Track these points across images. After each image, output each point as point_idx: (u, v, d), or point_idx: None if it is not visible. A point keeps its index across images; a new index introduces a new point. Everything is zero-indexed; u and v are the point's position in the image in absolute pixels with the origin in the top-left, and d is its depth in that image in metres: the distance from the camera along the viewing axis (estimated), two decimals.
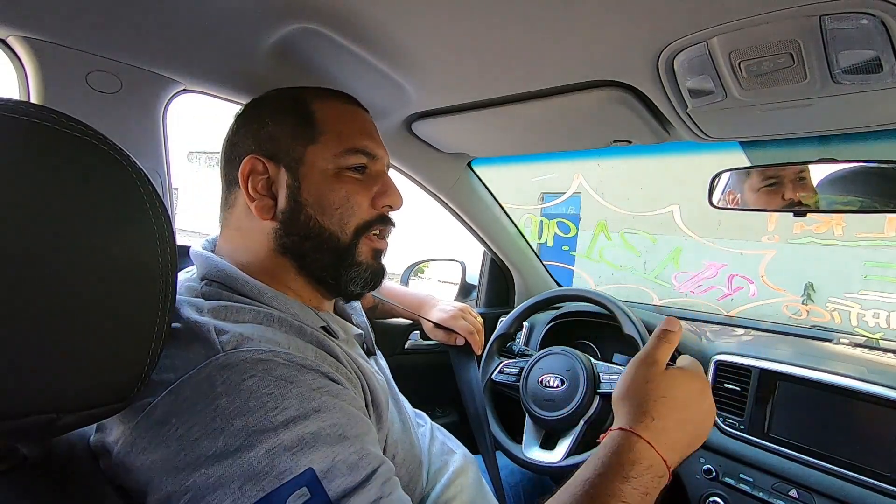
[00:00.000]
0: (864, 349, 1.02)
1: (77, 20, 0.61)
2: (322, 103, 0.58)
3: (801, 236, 4.92)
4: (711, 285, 5.36)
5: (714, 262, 5.36)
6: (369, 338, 0.69)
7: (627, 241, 5.87)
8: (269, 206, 0.54)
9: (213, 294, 0.50)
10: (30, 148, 0.32)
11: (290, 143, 0.55)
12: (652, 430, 0.46)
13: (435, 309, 1.00)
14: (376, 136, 0.61)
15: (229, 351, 0.42)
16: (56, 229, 0.32)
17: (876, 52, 0.49)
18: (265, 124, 0.56)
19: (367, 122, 0.61)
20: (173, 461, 0.38)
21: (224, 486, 0.37)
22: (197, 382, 0.40)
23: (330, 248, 0.56)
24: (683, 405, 0.48)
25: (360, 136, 0.58)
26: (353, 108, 0.61)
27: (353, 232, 0.56)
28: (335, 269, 0.57)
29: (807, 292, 4.89)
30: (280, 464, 0.37)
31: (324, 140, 0.56)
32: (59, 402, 0.33)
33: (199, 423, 0.39)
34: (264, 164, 0.55)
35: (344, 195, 0.55)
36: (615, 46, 0.58)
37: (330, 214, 0.55)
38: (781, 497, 0.81)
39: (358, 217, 0.56)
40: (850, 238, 4.65)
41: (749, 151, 1.69)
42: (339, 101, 0.61)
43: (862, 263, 4.57)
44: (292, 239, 0.55)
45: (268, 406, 0.40)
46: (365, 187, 0.57)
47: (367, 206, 0.57)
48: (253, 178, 0.54)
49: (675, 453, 0.46)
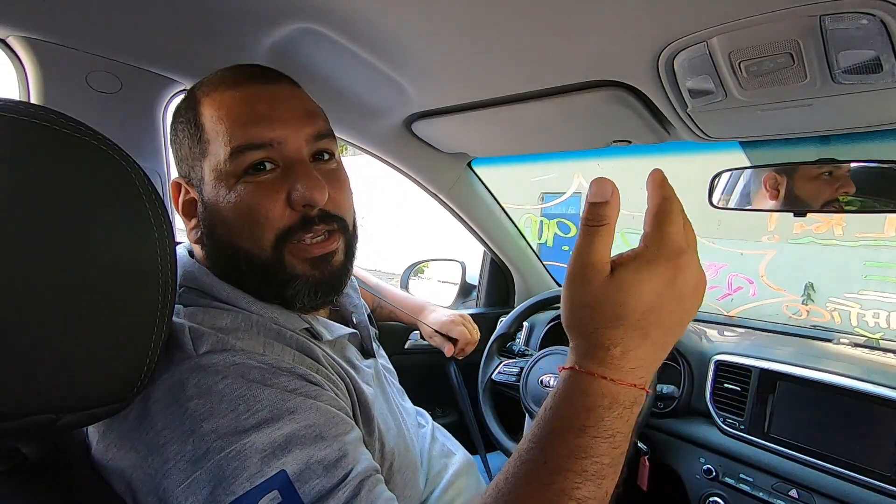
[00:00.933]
0: (864, 349, 1.02)
1: (77, 20, 0.61)
2: (207, 98, 0.50)
3: (801, 236, 4.91)
4: (711, 285, 5.36)
5: (714, 262, 5.35)
6: (368, 338, 0.68)
7: (627, 241, 5.84)
8: (196, 229, 0.52)
9: (190, 300, 0.49)
10: (30, 148, 0.32)
11: (191, 161, 0.50)
12: (610, 361, 0.35)
13: (434, 314, 0.99)
14: (277, 113, 0.48)
15: (202, 354, 0.42)
16: (56, 229, 0.32)
17: (876, 52, 0.49)
18: (174, 144, 0.53)
19: (260, 101, 0.48)
20: (144, 466, 0.38)
21: (194, 490, 0.36)
22: (169, 385, 0.40)
23: (252, 269, 0.49)
24: (650, 311, 0.35)
25: (245, 126, 0.47)
26: (240, 91, 0.49)
27: (271, 246, 0.48)
28: (273, 288, 0.50)
29: (807, 292, 4.88)
30: (250, 466, 0.36)
31: (211, 148, 0.48)
32: (59, 402, 0.33)
33: (170, 426, 0.38)
34: (184, 185, 0.52)
35: (246, 207, 0.47)
36: (615, 46, 0.58)
37: (238, 232, 0.48)
38: (781, 497, 0.81)
39: (271, 228, 0.48)
40: (850, 238, 4.64)
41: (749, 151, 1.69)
42: (227, 91, 0.49)
43: (862, 263, 4.56)
44: (221, 261, 0.50)
45: (239, 409, 0.38)
46: (273, 189, 0.47)
47: (279, 210, 0.48)
48: (182, 201, 0.52)
49: (648, 367, 0.36)
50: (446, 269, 1.54)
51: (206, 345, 0.42)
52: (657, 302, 0.35)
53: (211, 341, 0.43)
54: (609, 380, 0.35)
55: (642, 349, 0.36)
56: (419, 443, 0.66)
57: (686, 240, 0.36)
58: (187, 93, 0.54)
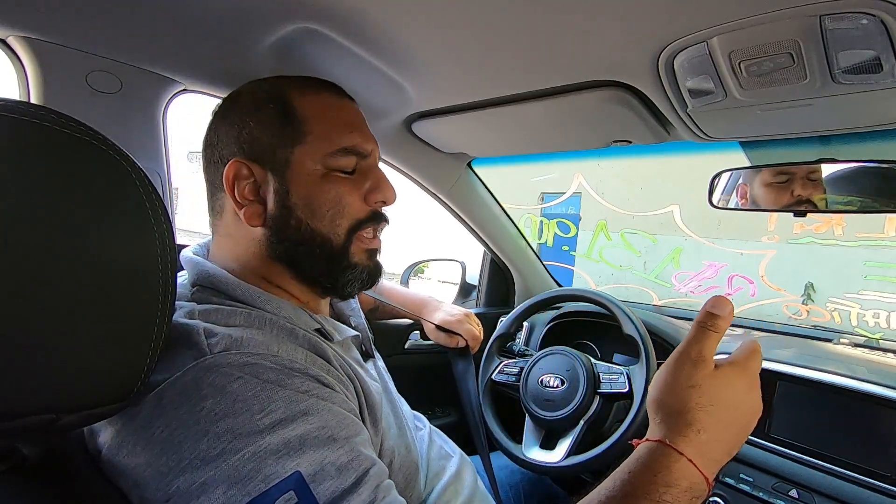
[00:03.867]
0: (864, 349, 1.02)
1: (77, 20, 0.61)
2: (304, 98, 0.55)
3: (801, 236, 4.92)
4: (711, 285, 5.36)
5: (714, 262, 5.36)
6: (367, 340, 0.68)
7: (627, 241, 5.86)
8: (259, 213, 0.52)
9: (204, 299, 0.49)
10: (30, 148, 0.32)
11: (275, 144, 0.52)
12: (696, 445, 0.39)
13: (438, 311, 0.99)
14: (365, 129, 0.58)
15: (217, 353, 0.42)
16: (56, 229, 0.32)
17: (876, 52, 0.49)
18: (246, 124, 0.53)
19: (354, 115, 0.58)
20: (157, 464, 0.38)
21: (208, 490, 0.36)
22: (183, 385, 0.40)
23: (323, 252, 0.54)
24: (733, 408, 0.41)
25: (349, 135, 0.55)
26: (338, 101, 0.58)
27: (345, 233, 0.54)
28: (330, 273, 0.55)
29: (807, 292, 4.89)
30: (266, 467, 0.37)
31: (311, 140, 0.53)
32: (58, 402, 0.33)
33: (184, 426, 0.38)
34: (249, 167, 0.52)
35: (335, 196, 0.53)
36: (615, 46, 0.58)
37: (321, 217, 0.53)
38: (781, 497, 0.81)
39: (350, 217, 0.54)
40: (850, 238, 4.64)
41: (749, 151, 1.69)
42: (323, 93, 0.57)
43: (862, 263, 4.56)
44: (284, 245, 0.53)
45: (254, 409, 0.39)
46: (356, 185, 0.55)
47: (358, 204, 0.55)
48: (238, 184, 0.52)
49: (718, 465, 0.41)
50: (446, 269, 1.54)
51: (220, 344, 0.43)
52: (741, 403, 0.42)
53: (225, 341, 0.43)
54: (692, 462, 0.38)
55: (721, 443, 0.41)
56: (418, 445, 0.66)
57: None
58: (263, 85, 0.56)
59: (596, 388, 0.91)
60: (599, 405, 0.90)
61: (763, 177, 0.88)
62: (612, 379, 0.91)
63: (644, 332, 0.93)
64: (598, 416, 0.90)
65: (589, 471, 0.89)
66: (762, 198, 0.90)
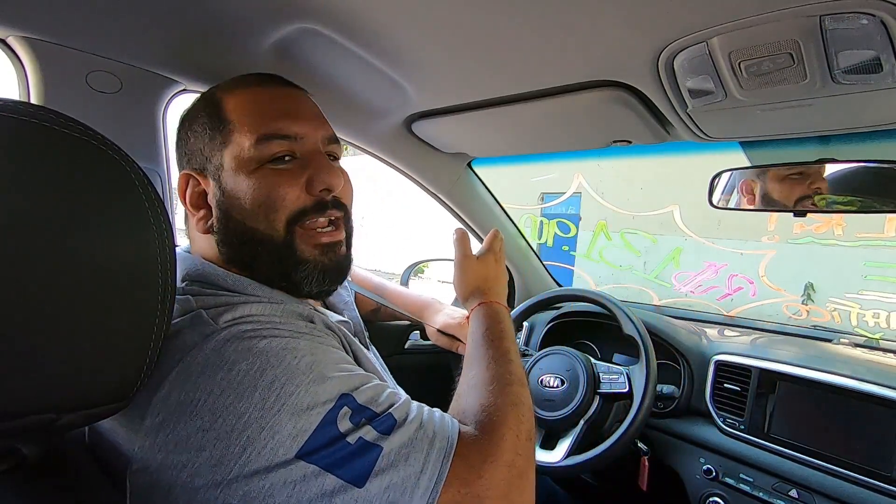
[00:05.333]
0: (864, 349, 1.02)
1: (77, 20, 0.61)
2: (232, 97, 0.54)
3: (801, 236, 4.91)
4: (711, 285, 5.36)
5: (714, 262, 5.35)
6: (360, 333, 0.69)
7: (627, 241, 5.86)
8: (206, 219, 0.54)
9: (197, 292, 0.50)
10: (30, 148, 0.32)
11: (209, 151, 0.53)
12: (492, 295, 0.69)
13: (440, 314, 0.99)
14: (300, 113, 0.55)
15: (226, 327, 0.44)
16: (56, 229, 0.32)
17: (876, 52, 0.49)
18: (186, 138, 0.56)
19: (284, 100, 0.55)
20: (213, 429, 0.39)
21: (278, 430, 0.39)
22: (204, 358, 0.41)
23: (267, 250, 0.52)
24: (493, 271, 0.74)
25: (272, 120, 0.52)
26: (266, 90, 0.55)
27: (284, 226, 0.52)
28: (282, 271, 0.53)
29: (807, 292, 4.88)
30: (320, 396, 0.41)
31: (235, 137, 0.52)
32: (58, 401, 0.33)
33: (227, 389, 0.40)
34: (196, 177, 0.54)
35: (265, 190, 0.51)
36: (615, 46, 0.58)
37: (255, 214, 0.51)
38: (781, 497, 0.81)
39: (285, 209, 0.52)
40: (850, 238, 4.64)
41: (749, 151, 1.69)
42: (253, 87, 0.55)
43: (862, 263, 4.56)
44: (232, 247, 0.53)
45: (287, 357, 0.42)
46: (292, 176, 0.52)
47: (296, 195, 0.52)
48: (189, 193, 0.54)
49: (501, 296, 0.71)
50: (446, 269, 1.54)
51: (226, 318, 0.45)
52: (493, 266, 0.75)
53: (230, 316, 0.45)
54: (498, 303, 0.69)
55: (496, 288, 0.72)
56: None
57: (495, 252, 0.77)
58: (203, 95, 0.58)
59: (596, 388, 0.91)
60: (599, 405, 0.90)
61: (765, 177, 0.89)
62: (612, 379, 0.91)
63: (644, 332, 0.93)
64: (598, 415, 0.90)
65: (589, 471, 0.89)
66: (762, 198, 0.90)
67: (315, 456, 0.39)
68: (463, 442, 0.44)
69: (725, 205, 0.94)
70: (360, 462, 0.39)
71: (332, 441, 0.40)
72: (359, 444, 0.40)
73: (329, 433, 0.40)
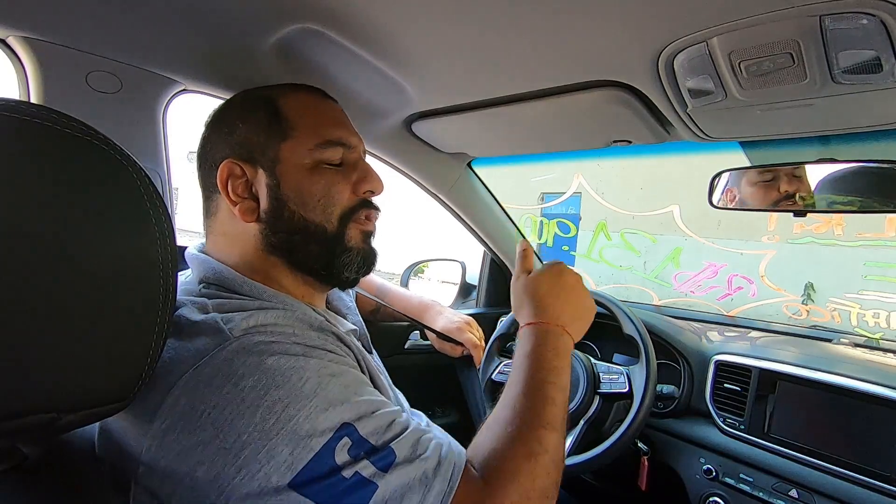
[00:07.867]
0: (864, 349, 1.02)
1: (77, 20, 0.61)
2: (289, 98, 0.58)
3: (801, 236, 4.92)
4: (711, 285, 5.36)
5: (714, 262, 5.36)
6: (364, 337, 0.70)
7: (627, 241, 5.86)
8: (252, 208, 0.55)
9: (213, 295, 0.51)
10: (30, 148, 0.32)
11: (263, 142, 0.55)
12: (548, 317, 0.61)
13: (441, 317, 0.99)
14: (349, 125, 0.61)
15: (240, 336, 0.44)
16: (56, 229, 0.32)
17: (876, 52, 0.49)
18: (236, 127, 0.56)
19: (337, 112, 0.61)
20: (212, 444, 0.39)
21: (274, 455, 0.39)
22: (215, 367, 0.42)
23: (318, 240, 0.56)
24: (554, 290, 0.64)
25: (332, 128, 0.58)
26: (321, 100, 0.61)
27: (338, 220, 0.57)
28: (326, 259, 0.57)
29: (807, 292, 4.89)
30: (319, 423, 0.41)
31: (296, 135, 0.56)
32: (59, 401, 0.33)
33: (230, 405, 0.40)
34: (241, 167, 0.55)
35: (324, 186, 0.56)
36: (615, 46, 0.58)
37: (313, 207, 0.55)
38: (781, 497, 0.81)
39: (340, 205, 0.57)
40: (850, 238, 4.64)
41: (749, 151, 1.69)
42: (306, 94, 0.60)
43: (862, 263, 4.57)
44: (280, 236, 0.55)
45: (293, 379, 0.42)
46: (344, 176, 0.58)
47: (348, 194, 0.58)
48: (232, 182, 0.55)
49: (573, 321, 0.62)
50: (446, 269, 1.54)
51: (240, 328, 0.45)
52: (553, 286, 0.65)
53: (245, 325, 0.45)
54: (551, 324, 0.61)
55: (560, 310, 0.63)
56: None
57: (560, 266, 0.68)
58: (252, 92, 0.60)
59: (596, 388, 0.91)
60: (599, 405, 0.90)
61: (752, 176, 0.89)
62: (612, 379, 0.91)
63: (644, 332, 0.93)
64: (598, 416, 0.90)
65: (589, 471, 0.89)
66: (762, 198, 0.90)
67: (308, 489, 0.39)
68: (464, 488, 0.43)
69: (725, 205, 0.94)
70: (353, 499, 0.39)
71: (327, 473, 0.39)
72: (354, 479, 0.40)
73: (325, 465, 0.40)
